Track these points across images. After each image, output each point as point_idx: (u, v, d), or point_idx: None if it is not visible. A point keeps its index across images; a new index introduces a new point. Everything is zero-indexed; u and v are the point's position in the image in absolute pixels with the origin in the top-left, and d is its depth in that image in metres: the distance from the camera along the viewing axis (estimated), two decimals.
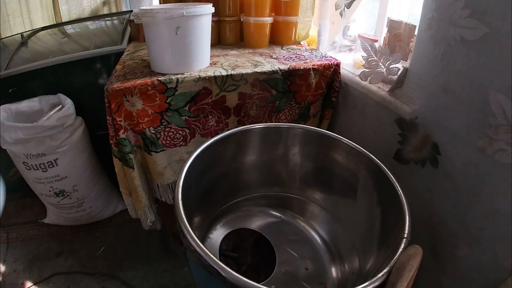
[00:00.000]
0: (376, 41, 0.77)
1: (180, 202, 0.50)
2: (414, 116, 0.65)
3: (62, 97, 1.01)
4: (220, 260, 0.46)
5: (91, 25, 1.39)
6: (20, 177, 1.02)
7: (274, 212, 0.81)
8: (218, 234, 0.73)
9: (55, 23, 1.73)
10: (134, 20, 0.83)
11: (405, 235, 0.48)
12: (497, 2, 0.45)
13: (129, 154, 0.75)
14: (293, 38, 1.03)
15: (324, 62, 0.84)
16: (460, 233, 0.59)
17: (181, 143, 0.81)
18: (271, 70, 0.79)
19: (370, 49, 0.74)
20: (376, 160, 0.63)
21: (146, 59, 0.87)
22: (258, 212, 0.81)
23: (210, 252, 0.42)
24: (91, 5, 1.94)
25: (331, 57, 0.89)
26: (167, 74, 0.75)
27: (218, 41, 1.03)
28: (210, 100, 0.78)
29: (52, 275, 0.93)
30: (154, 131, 0.77)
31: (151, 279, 0.94)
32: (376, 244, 0.61)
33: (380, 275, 0.43)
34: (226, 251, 0.70)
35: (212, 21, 0.82)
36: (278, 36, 1.02)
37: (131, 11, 1.46)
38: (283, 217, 0.80)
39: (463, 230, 0.58)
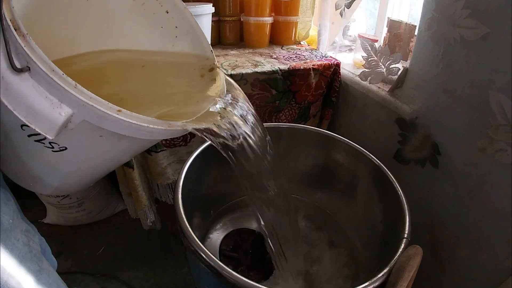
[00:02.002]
0: (376, 41, 0.77)
1: (180, 202, 0.50)
2: (414, 116, 0.65)
3: None
4: (220, 260, 0.46)
5: None
6: None
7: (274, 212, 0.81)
8: (218, 234, 0.73)
9: None
10: None
11: (405, 235, 0.48)
12: (497, 2, 0.45)
13: None
14: (293, 38, 1.03)
15: (324, 62, 0.84)
16: (460, 233, 0.59)
17: (181, 143, 0.81)
18: (271, 70, 0.79)
19: (370, 49, 0.74)
20: (376, 160, 0.63)
21: None
22: None
23: (210, 252, 0.42)
24: None
25: (331, 57, 0.89)
26: None
27: (218, 41, 1.03)
28: None
29: None
30: None
31: (151, 279, 0.94)
32: (376, 244, 0.61)
33: (380, 275, 0.43)
34: (226, 251, 0.70)
35: (212, 21, 0.82)
36: (278, 36, 1.02)
37: None
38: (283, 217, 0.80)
39: (463, 230, 0.58)
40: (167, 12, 0.49)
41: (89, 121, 0.31)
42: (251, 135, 0.45)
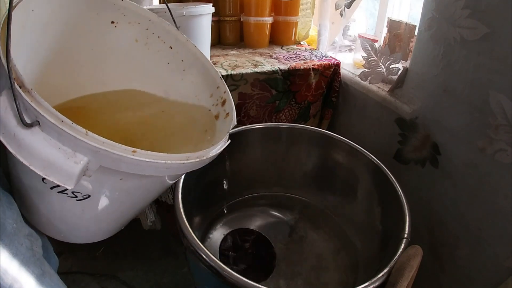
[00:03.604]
0: (376, 41, 0.77)
1: (180, 202, 0.50)
2: (414, 116, 0.65)
3: None
4: (220, 260, 0.46)
5: None
6: None
7: (274, 212, 0.81)
8: (218, 234, 0.73)
9: None
10: None
11: (405, 235, 0.48)
12: (497, 2, 0.45)
13: None
14: (293, 38, 1.03)
15: (324, 62, 0.84)
16: (460, 233, 0.59)
17: None
18: (271, 70, 0.79)
19: (370, 49, 0.74)
20: (376, 160, 0.63)
21: None
22: (258, 212, 0.81)
23: (210, 252, 0.42)
24: None
25: (331, 57, 0.89)
26: None
27: (218, 41, 1.03)
28: None
29: None
30: None
31: (151, 279, 0.94)
32: (376, 244, 0.61)
33: (380, 275, 0.43)
34: (226, 251, 0.70)
35: (212, 21, 0.82)
36: (278, 36, 1.02)
37: None
38: (283, 217, 0.80)
39: (463, 230, 0.58)
40: (171, 48, 0.49)
41: (106, 166, 0.31)
42: None
